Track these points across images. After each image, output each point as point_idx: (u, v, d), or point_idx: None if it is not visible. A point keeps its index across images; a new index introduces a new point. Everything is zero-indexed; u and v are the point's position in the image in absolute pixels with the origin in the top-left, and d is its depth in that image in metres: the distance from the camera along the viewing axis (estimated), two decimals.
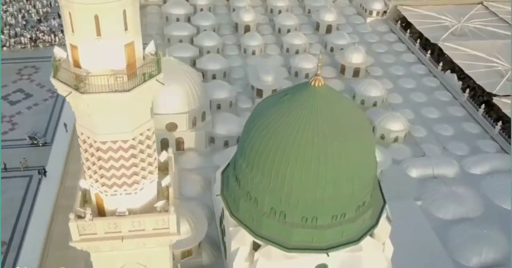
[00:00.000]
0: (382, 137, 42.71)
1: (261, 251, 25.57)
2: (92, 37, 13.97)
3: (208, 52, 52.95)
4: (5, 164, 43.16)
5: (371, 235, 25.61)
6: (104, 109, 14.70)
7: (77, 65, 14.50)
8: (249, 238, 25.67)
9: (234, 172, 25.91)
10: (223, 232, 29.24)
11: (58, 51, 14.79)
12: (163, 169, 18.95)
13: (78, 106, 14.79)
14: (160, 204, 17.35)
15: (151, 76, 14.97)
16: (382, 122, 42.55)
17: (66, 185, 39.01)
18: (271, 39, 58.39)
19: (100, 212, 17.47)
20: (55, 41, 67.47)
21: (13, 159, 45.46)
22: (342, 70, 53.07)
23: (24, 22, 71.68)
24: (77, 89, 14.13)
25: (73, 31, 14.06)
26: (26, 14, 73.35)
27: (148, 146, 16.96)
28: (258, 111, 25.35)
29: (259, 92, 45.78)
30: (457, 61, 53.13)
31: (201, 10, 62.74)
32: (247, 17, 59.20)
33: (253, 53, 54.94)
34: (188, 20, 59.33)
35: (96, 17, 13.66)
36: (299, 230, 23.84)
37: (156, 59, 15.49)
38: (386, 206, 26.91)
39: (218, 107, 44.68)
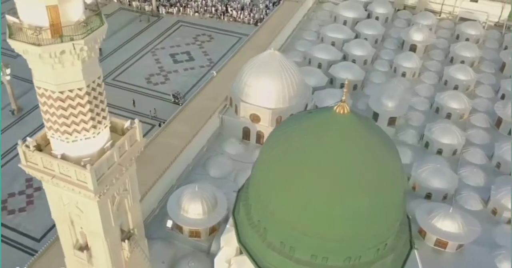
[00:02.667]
0: None
1: (237, 258, 25.23)
2: None
3: (353, 61, 51.66)
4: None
5: None
6: (36, 60, 16.60)
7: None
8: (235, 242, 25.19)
9: (246, 195, 25.01)
10: None
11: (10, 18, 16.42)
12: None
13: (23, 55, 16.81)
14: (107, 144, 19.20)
15: (71, 39, 16.09)
16: None
17: None
18: (433, 66, 53.37)
19: None
20: (240, 18, 74.58)
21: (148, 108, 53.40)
22: None
23: None
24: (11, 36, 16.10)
25: None
26: None
27: (100, 93, 18.71)
28: (274, 136, 24.09)
29: (375, 116, 43.07)
30: None
31: (377, 18, 61.02)
32: (417, 36, 55.15)
33: (403, 74, 51.25)
34: (355, 24, 58.54)
35: None
36: None
37: (83, 25, 16.42)
38: (415, 252, 23.74)
39: None
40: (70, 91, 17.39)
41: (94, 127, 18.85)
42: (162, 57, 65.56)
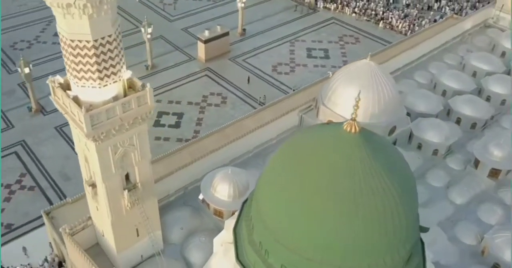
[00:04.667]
0: None
1: (226, 244, 26.13)
2: None
3: (488, 97, 46.12)
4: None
5: None
6: (53, 9, 19.06)
7: None
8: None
9: (248, 211, 25.08)
10: None
11: None
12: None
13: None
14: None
15: None
16: None
17: None
18: None
19: None
20: (398, 27, 71.95)
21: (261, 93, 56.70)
22: None
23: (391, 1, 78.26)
24: None
25: None
26: None
27: (110, 50, 20.82)
28: (279, 153, 23.80)
29: (476, 162, 38.33)
30: None
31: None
32: None
33: None
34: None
35: None
36: None
37: None
38: None
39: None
40: (79, 41, 20.03)
41: (101, 79, 21.52)
42: (298, 49, 67.10)
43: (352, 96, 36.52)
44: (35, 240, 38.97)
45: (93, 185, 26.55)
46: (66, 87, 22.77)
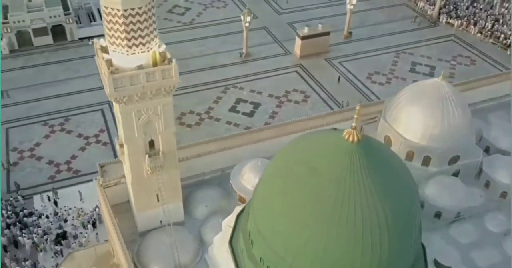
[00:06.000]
0: None
1: (218, 236, 27.63)
2: None
3: None
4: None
5: None
6: None
7: None
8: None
9: (245, 223, 25.59)
10: None
11: None
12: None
13: None
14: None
15: None
16: None
17: None
18: None
19: None
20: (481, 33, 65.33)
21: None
22: None
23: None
24: None
25: None
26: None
27: (139, 22, 22.94)
28: (277, 159, 24.22)
29: None
30: None
31: None
32: None
33: None
34: None
35: None
36: None
37: None
38: None
39: None
40: (112, 9, 22.42)
41: (129, 47, 23.62)
42: (402, 61, 64.52)
43: (413, 114, 35.66)
44: (92, 189, 43.80)
45: (121, 145, 29.40)
46: (105, 50, 25.62)
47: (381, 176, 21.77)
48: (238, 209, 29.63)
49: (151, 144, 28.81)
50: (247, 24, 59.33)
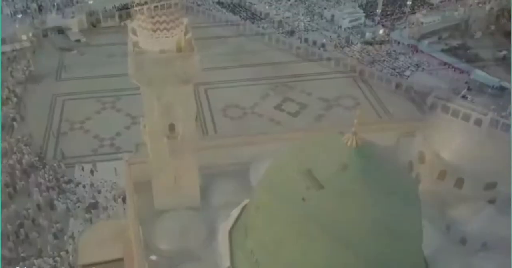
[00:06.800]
0: None
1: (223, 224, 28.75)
2: None
3: None
4: None
5: None
6: None
7: None
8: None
9: (245, 238, 25.39)
10: None
11: None
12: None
13: None
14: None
15: None
16: None
17: None
18: None
19: None
20: None
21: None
22: None
23: None
24: None
25: None
26: None
27: (165, 15, 24.41)
28: (278, 157, 24.03)
29: None
30: None
31: None
32: None
33: None
34: None
35: None
36: None
37: None
38: None
39: None
40: None
41: (154, 31, 24.72)
42: None
43: (452, 131, 33.98)
44: None
45: (145, 126, 30.99)
46: (134, 32, 27.15)
47: (375, 187, 21.34)
48: (246, 201, 30.15)
49: (172, 127, 30.07)
50: None
